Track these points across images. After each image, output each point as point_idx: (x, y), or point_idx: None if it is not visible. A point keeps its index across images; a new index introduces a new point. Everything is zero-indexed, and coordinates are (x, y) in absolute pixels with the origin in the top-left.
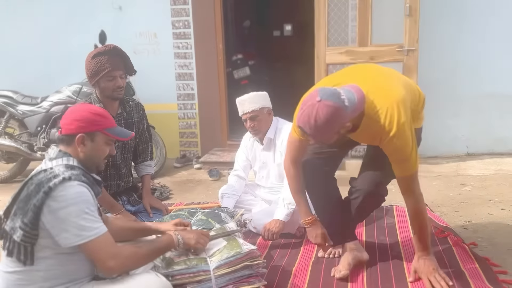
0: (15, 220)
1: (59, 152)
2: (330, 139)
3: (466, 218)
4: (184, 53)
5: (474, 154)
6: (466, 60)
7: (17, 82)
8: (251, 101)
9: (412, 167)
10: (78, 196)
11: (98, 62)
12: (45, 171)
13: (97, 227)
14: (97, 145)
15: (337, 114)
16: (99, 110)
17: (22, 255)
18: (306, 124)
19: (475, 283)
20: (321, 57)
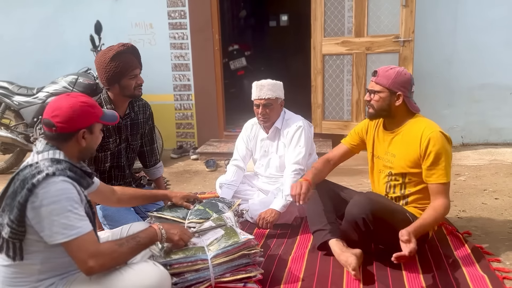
0: (4, 217)
1: (46, 145)
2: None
3: (461, 207)
4: (180, 43)
5: (469, 145)
6: (462, 50)
7: (12, 73)
8: (269, 88)
9: (444, 175)
10: (61, 193)
11: (120, 62)
12: (30, 166)
13: (79, 226)
14: (95, 135)
15: (407, 78)
16: (89, 100)
17: (11, 251)
18: (383, 68)
19: (468, 271)
20: (318, 48)
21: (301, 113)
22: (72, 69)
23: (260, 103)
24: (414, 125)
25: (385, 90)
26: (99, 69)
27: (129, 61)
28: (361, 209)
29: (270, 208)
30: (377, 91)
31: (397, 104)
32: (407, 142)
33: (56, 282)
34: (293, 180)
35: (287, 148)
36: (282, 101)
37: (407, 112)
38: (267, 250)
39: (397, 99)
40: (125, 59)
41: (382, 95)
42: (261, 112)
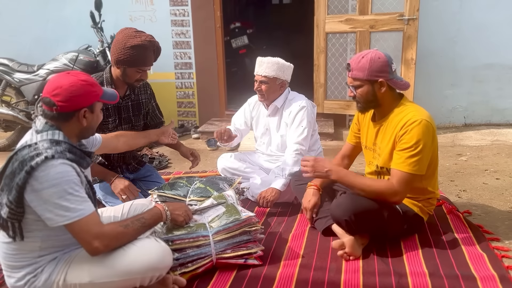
0: (3, 196)
1: (45, 124)
2: (362, 80)
3: (461, 187)
4: (181, 20)
5: (471, 125)
6: (466, 30)
7: (12, 50)
8: (268, 66)
9: (414, 165)
10: (60, 176)
11: (135, 54)
12: (29, 147)
13: (81, 208)
14: (96, 114)
15: (382, 61)
16: (89, 78)
17: (11, 231)
18: (354, 59)
19: (468, 250)
20: (321, 26)
21: (303, 92)
22: (72, 46)
23: (257, 78)
24: (398, 115)
25: (365, 83)
26: (116, 46)
27: (145, 57)
28: (343, 211)
29: (271, 187)
30: (357, 86)
31: (382, 91)
32: (390, 134)
33: (58, 257)
34: (294, 159)
35: (289, 127)
36: (283, 82)
37: (394, 96)
38: (267, 228)
39: (381, 86)
40: (143, 53)
41: (364, 89)
42: (256, 87)
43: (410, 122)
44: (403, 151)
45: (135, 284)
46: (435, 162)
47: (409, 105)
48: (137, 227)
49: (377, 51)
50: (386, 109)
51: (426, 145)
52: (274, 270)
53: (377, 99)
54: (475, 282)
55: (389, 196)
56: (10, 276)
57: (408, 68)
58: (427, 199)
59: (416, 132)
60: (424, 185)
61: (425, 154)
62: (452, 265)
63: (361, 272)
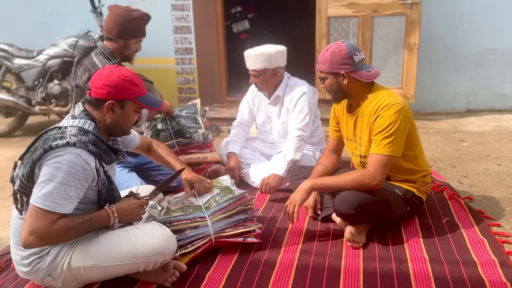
0: (21, 169)
1: (82, 111)
2: (326, 72)
3: (463, 173)
4: (182, 4)
5: (473, 111)
6: (470, 14)
7: (11, 35)
8: (254, 59)
9: (389, 147)
10: (67, 164)
11: (140, 25)
12: (59, 128)
13: (57, 203)
14: (127, 113)
15: (342, 54)
16: (132, 76)
17: (19, 204)
18: (321, 52)
19: (468, 235)
20: (323, 10)
21: (305, 78)
22: (71, 31)
23: (250, 72)
24: (371, 103)
25: (328, 75)
26: (117, 20)
27: (142, 28)
28: (348, 206)
29: (273, 173)
30: (323, 78)
31: (345, 82)
32: (366, 122)
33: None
34: (296, 145)
35: (291, 113)
36: (275, 70)
37: (363, 86)
38: (268, 213)
39: (343, 78)
40: (141, 25)
41: (329, 80)
42: (250, 81)
43: (381, 107)
44: (377, 135)
45: (138, 268)
46: (417, 143)
47: (380, 91)
48: (81, 230)
49: (341, 43)
50: (358, 98)
51: (399, 127)
52: (275, 255)
53: (343, 90)
54: (476, 267)
55: (368, 182)
56: (16, 253)
57: (411, 53)
58: (421, 179)
59: (387, 115)
60: (410, 166)
61: (398, 136)
62: (453, 251)
63: (362, 258)
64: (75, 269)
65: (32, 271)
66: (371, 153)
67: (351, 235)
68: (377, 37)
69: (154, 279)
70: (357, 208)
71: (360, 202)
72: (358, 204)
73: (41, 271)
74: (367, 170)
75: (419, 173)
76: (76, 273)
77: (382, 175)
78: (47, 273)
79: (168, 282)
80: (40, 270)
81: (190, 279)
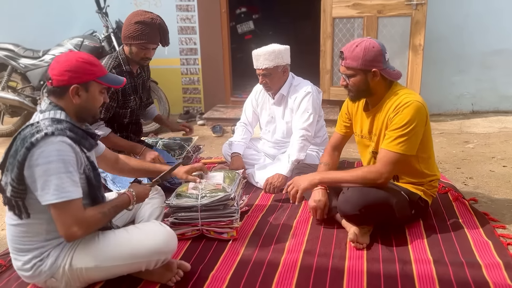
0: (7, 176)
1: (49, 104)
2: (356, 69)
3: (468, 174)
4: (186, 5)
5: (479, 112)
6: (475, 15)
7: (18, 35)
8: (266, 58)
9: (402, 146)
10: (57, 154)
11: (138, 30)
12: (31, 126)
13: (71, 190)
14: (92, 95)
15: (376, 51)
16: (89, 57)
17: (16, 210)
18: (347, 47)
19: (473, 237)
20: (328, 10)
21: (309, 79)
22: (77, 31)
23: (258, 72)
24: (391, 101)
25: (358, 72)
26: (124, 24)
27: (147, 33)
28: (353, 206)
29: (277, 173)
30: (350, 75)
31: (375, 81)
32: (383, 119)
33: (63, 242)
34: (300, 145)
35: (295, 113)
36: (285, 67)
37: (387, 85)
38: (272, 213)
39: (374, 76)
40: (146, 30)
41: (357, 78)
42: (260, 81)
43: (401, 104)
44: (393, 131)
45: (140, 268)
46: (430, 145)
47: (401, 89)
48: (111, 214)
49: (371, 39)
50: (378, 97)
51: (417, 126)
52: (278, 255)
53: (370, 88)
54: (480, 269)
55: (374, 178)
56: (17, 259)
57: (416, 54)
58: (429, 182)
59: (407, 113)
60: (422, 168)
61: (414, 135)
62: (457, 252)
63: (365, 259)
64: (77, 270)
65: (35, 275)
66: (382, 148)
67: (355, 236)
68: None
69: (158, 279)
70: (361, 208)
71: (365, 203)
72: (363, 204)
73: (43, 274)
74: (374, 166)
75: (428, 177)
76: (78, 274)
77: (389, 172)
78: (50, 275)
79: (172, 282)
80: (42, 273)
81: (194, 278)
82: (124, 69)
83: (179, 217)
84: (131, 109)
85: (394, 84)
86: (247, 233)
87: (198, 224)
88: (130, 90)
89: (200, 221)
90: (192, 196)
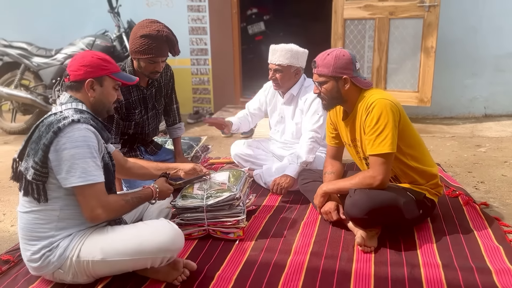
0: (28, 161)
1: (69, 97)
2: (327, 76)
3: (479, 178)
4: (198, 6)
5: (491, 115)
6: (489, 17)
7: (31, 34)
8: (282, 54)
9: (383, 145)
10: (84, 139)
11: (144, 45)
12: (55, 114)
13: (96, 175)
14: (106, 89)
15: (346, 59)
16: (103, 55)
17: (36, 193)
18: (320, 56)
19: (483, 242)
20: (339, 12)
21: None
22: (89, 31)
23: (271, 67)
24: (362, 105)
25: (329, 79)
26: (130, 37)
27: (155, 47)
28: (360, 210)
29: (285, 174)
30: (322, 82)
31: (346, 88)
32: (359, 124)
33: (74, 234)
34: (310, 147)
35: (305, 115)
36: (298, 69)
37: (357, 92)
38: (279, 214)
39: (345, 83)
40: (153, 43)
41: (329, 85)
42: (270, 76)
43: (369, 105)
44: (369, 134)
45: (146, 264)
46: (417, 141)
47: (370, 92)
48: (134, 203)
49: (342, 49)
50: (351, 104)
51: (389, 122)
52: (285, 257)
53: (341, 95)
54: (490, 275)
55: (370, 182)
56: (26, 249)
57: (428, 56)
58: (429, 181)
59: (375, 112)
60: (415, 164)
61: (390, 131)
62: (467, 257)
63: (373, 262)
64: (84, 263)
65: (43, 265)
66: (369, 154)
67: (362, 240)
68: (394, 39)
69: (164, 277)
70: (369, 212)
71: (372, 206)
72: (370, 208)
73: (51, 265)
74: (367, 171)
75: (425, 174)
76: (85, 266)
77: (382, 173)
78: (57, 267)
79: (178, 281)
80: (50, 263)
81: (200, 278)
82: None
83: (185, 218)
84: (135, 121)
85: (366, 90)
86: (254, 233)
87: (204, 225)
88: (136, 103)
89: (206, 221)
90: (198, 197)
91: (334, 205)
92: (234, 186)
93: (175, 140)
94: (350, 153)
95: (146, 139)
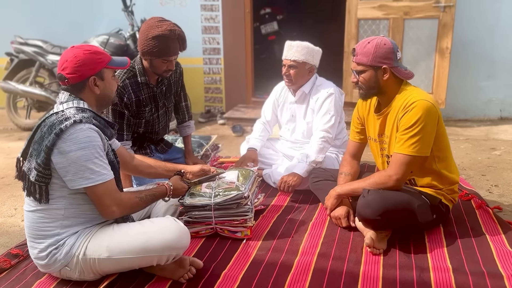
0: (31, 161)
1: (69, 96)
2: (366, 65)
3: (493, 182)
4: (211, 5)
5: (507, 118)
6: (506, 18)
7: (46, 32)
8: (297, 50)
9: (413, 148)
10: (88, 140)
11: (157, 46)
12: (56, 114)
13: (105, 173)
14: (107, 81)
15: (387, 48)
16: (92, 47)
17: (38, 194)
18: (360, 44)
19: (496, 246)
20: (353, 12)
21: (332, 80)
22: (103, 29)
23: (285, 63)
24: (400, 100)
25: (368, 68)
26: (140, 37)
27: (168, 47)
28: (373, 211)
29: (293, 172)
30: (360, 71)
31: (385, 78)
32: (393, 120)
33: (80, 231)
34: (320, 147)
35: (316, 114)
36: (312, 67)
37: (397, 84)
38: (288, 214)
39: (384, 73)
40: (166, 43)
41: (367, 74)
42: (284, 72)
43: (409, 104)
44: (403, 133)
45: (151, 262)
46: (446, 145)
47: (410, 89)
48: (148, 201)
49: (384, 37)
50: (389, 97)
51: (427, 125)
52: (292, 257)
53: (380, 86)
54: (502, 280)
55: (384, 181)
56: (33, 247)
57: (443, 57)
58: (448, 186)
59: (415, 112)
60: (439, 168)
61: (426, 134)
62: (478, 262)
63: (381, 264)
64: (90, 260)
65: (50, 263)
66: (394, 152)
67: (372, 241)
68: (408, 40)
69: (170, 275)
70: (382, 213)
71: (386, 208)
72: (384, 209)
73: (58, 262)
74: (385, 170)
75: (447, 178)
76: (91, 264)
77: (400, 174)
78: (64, 264)
79: (184, 279)
80: (57, 261)
81: (206, 276)
82: (140, 80)
83: (192, 215)
84: (146, 119)
85: (404, 83)
86: (261, 233)
87: (212, 223)
88: (147, 101)
89: (213, 219)
90: (206, 195)
91: (345, 211)
92: (243, 185)
93: (185, 138)
94: (372, 149)
95: (156, 137)
